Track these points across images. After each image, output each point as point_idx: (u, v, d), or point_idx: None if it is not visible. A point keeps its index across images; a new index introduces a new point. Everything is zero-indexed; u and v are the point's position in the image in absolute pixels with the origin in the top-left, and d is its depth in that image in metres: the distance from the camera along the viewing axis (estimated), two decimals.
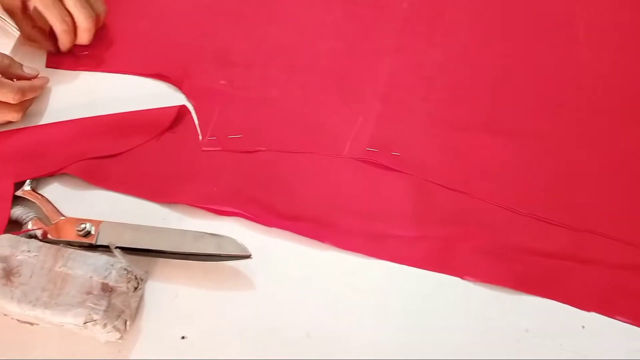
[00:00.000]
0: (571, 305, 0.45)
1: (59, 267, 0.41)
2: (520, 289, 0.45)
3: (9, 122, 0.53)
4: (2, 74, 0.52)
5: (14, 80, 0.52)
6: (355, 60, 0.58)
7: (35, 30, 0.57)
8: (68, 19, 0.55)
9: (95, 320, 0.39)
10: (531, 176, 0.51)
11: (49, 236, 0.46)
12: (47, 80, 0.56)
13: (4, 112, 0.52)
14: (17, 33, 0.60)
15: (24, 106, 0.53)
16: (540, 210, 0.48)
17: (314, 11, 0.62)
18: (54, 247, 0.43)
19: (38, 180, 0.50)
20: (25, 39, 0.59)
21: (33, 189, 0.49)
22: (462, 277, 0.46)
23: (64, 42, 0.57)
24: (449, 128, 0.53)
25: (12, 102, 0.51)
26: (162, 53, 0.59)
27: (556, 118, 0.54)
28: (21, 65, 0.54)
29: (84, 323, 0.39)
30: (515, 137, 0.53)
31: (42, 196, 0.49)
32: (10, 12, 0.57)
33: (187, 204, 0.49)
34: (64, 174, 0.51)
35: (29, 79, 0.54)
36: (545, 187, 0.50)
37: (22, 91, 0.51)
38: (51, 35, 0.57)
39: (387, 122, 0.53)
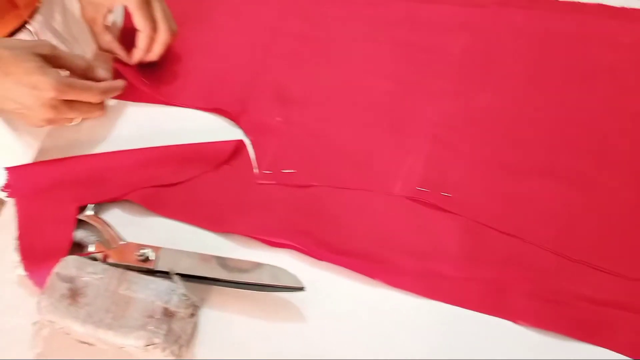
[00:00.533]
0: (623, 354, 0.44)
1: (123, 290, 0.43)
2: (572, 335, 0.45)
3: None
4: (80, 76, 0.55)
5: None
6: (407, 101, 0.60)
7: (113, 40, 0.61)
8: (154, 26, 0.59)
9: (156, 344, 0.41)
10: (583, 222, 0.51)
11: (109, 260, 0.48)
12: (124, 82, 0.59)
13: (90, 111, 0.56)
14: None
15: (104, 104, 0.58)
16: (592, 258, 0.48)
17: (369, 53, 0.64)
18: (118, 270, 0.44)
19: (100, 205, 0.53)
20: (103, 49, 0.63)
21: (95, 214, 0.52)
22: (513, 320, 0.46)
23: (140, 51, 0.60)
24: (501, 172, 0.54)
25: (96, 102, 0.56)
26: (221, 89, 0.61)
27: (610, 165, 0.55)
28: (95, 67, 0.57)
29: (145, 346, 0.41)
30: (568, 183, 0.53)
31: (104, 220, 0.51)
32: (92, 22, 0.61)
33: (241, 234, 0.51)
34: (124, 200, 0.53)
35: (104, 80, 0.57)
36: (597, 234, 0.50)
37: (106, 92, 0.56)
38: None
39: (437, 163, 0.55)
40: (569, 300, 0.47)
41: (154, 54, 0.61)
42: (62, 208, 0.51)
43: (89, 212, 0.52)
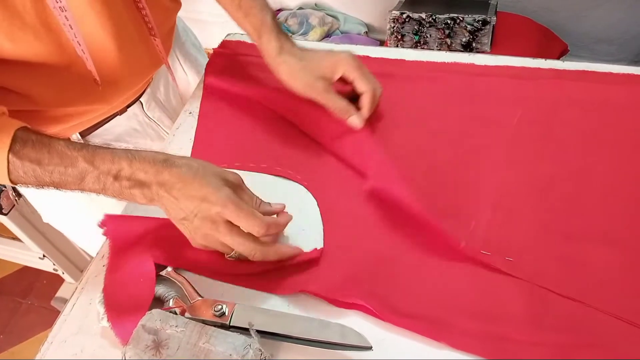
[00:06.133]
0: None
1: (203, 343, 0.46)
2: None
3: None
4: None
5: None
6: (467, 169, 0.62)
7: (349, 103, 0.65)
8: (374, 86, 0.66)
9: None
10: None
11: (187, 314, 0.51)
12: (290, 218, 0.57)
13: (247, 245, 0.52)
14: None
15: (264, 250, 0.53)
16: None
17: (429, 124, 0.68)
18: (199, 324, 0.47)
19: None
20: (338, 111, 0.66)
21: (174, 270, 0.55)
22: None
23: (367, 111, 0.66)
24: (563, 237, 0.55)
25: (256, 235, 0.52)
26: (288, 157, 0.67)
27: None
28: (268, 204, 0.57)
29: None
30: (631, 249, 0.53)
31: (183, 277, 0.55)
32: (324, 94, 0.66)
33: (309, 293, 0.53)
34: None
35: (275, 213, 0.57)
36: None
37: (268, 226, 0.52)
38: None
39: (499, 228, 0.56)
40: None
41: (369, 112, 0.67)
42: (145, 265, 0.55)
43: (169, 268, 0.55)
